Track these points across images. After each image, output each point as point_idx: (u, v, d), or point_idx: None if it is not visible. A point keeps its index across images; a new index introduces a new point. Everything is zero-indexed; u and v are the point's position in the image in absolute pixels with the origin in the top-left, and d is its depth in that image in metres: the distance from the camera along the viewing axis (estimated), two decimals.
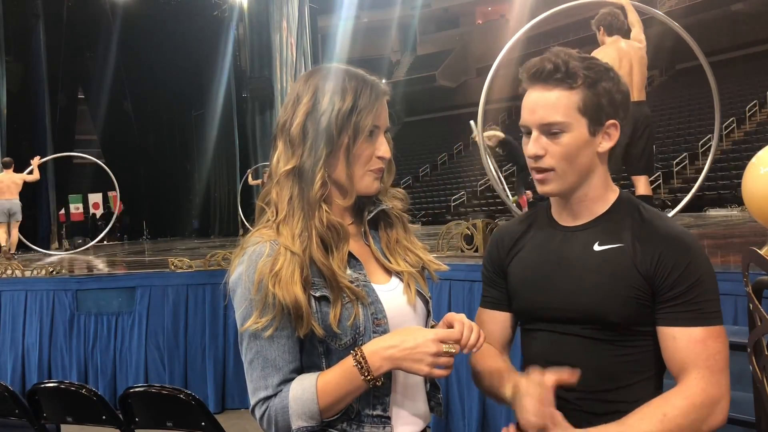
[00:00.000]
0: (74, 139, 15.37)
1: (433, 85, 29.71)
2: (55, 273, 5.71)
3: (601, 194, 1.27)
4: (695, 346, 1.14)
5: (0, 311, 5.30)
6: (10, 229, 9.02)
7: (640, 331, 1.20)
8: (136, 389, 2.12)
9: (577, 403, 1.20)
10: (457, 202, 21.44)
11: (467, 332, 1.10)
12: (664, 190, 16.95)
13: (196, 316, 5.11)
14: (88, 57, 16.07)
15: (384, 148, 1.20)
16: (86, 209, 22.47)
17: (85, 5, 14.64)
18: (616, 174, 4.90)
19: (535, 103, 1.22)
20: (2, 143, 11.92)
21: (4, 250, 8.83)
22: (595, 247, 1.23)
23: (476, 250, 4.25)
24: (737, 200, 11.08)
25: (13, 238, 9.02)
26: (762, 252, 1.33)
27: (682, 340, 1.15)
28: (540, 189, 1.27)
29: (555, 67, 1.20)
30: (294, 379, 1.11)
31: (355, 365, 1.08)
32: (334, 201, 1.19)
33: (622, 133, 1.25)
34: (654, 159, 4.20)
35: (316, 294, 1.11)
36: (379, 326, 1.14)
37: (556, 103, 1.20)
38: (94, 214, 21.95)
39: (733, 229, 6.80)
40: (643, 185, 4.60)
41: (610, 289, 1.19)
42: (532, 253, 1.33)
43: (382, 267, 1.23)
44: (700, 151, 17.78)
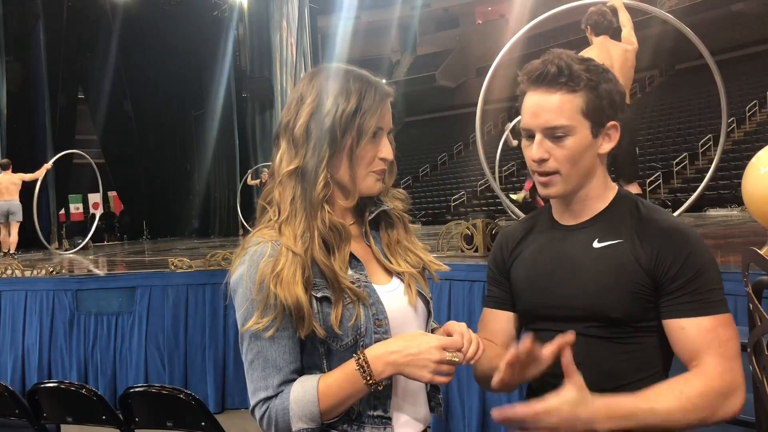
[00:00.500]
0: (74, 139, 15.34)
1: (433, 85, 29.72)
2: (55, 273, 5.70)
3: (601, 193, 1.28)
4: (706, 334, 1.14)
5: (0, 311, 5.30)
6: (11, 230, 9.04)
7: (642, 327, 1.20)
8: (136, 389, 2.11)
9: None
10: (457, 202, 21.45)
11: (466, 344, 1.10)
12: (664, 190, 16.95)
13: (196, 316, 5.10)
14: (88, 57, 16.04)
15: (387, 150, 1.19)
16: (86, 209, 22.45)
17: (85, 5, 14.63)
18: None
19: (538, 106, 1.22)
20: (2, 143, 11.93)
21: (4, 250, 8.84)
22: (595, 244, 1.24)
23: (476, 250, 4.25)
24: (737, 200, 11.06)
25: (12, 238, 9.03)
26: (762, 252, 1.33)
27: (692, 330, 1.15)
28: (544, 192, 1.27)
29: (558, 71, 1.20)
30: (295, 380, 1.11)
31: (358, 369, 1.08)
32: (336, 201, 1.19)
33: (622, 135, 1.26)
34: (637, 162, 4.18)
35: (318, 295, 1.11)
36: (380, 327, 1.14)
37: (560, 107, 1.20)
38: (94, 214, 21.92)
39: (733, 229, 6.79)
40: (634, 189, 4.59)
41: (610, 284, 1.19)
42: (533, 253, 1.34)
43: (383, 267, 1.23)
44: (700, 151, 17.78)
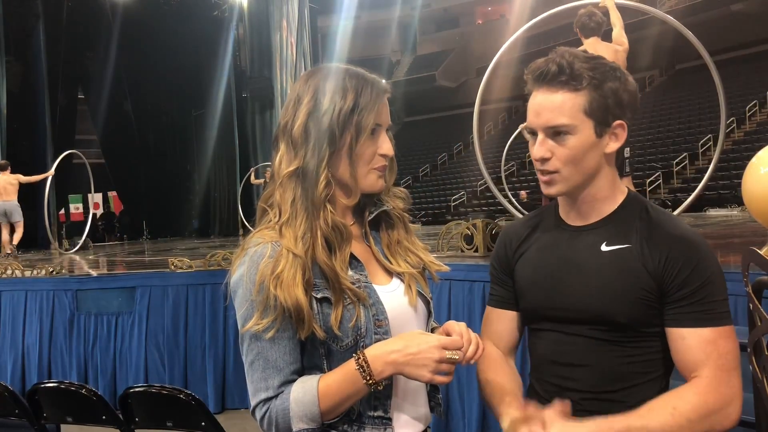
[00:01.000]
0: (74, 139, 15.31)
1: (433, 85, 29.71)
2: (55, 273, 5.70)
3: (609, 195, 1.27)
4: (706, 346, 1.13)
5: (0, 311, 5.30)
6: (13, 229, 9.03)
7: (646, 333, 1.19)
8: (136, 389, 2.10)
9: (583, 404, 1.19)
10: (457, 202, 21.44)
11: (466, 344, 1.10)
12: (664, 190, 16.95)
13: (196, 316, 5.09)
14: (88, 57, 16.02)
15: (386, 146, 1.19)
16: (86, 209, 22.45)
17: (85, 5, 14.61)
18: None
19: (540, 105, 1.21)
20: (2, 143, 11.91)
21: (5, 250, 8.84)
22: (603, 248, 1.22)
23: (476, 250, 4.24)
24: (737, 200, 11.06)
25: (17, 236, 9.04)
26: (762, 252, 1.33)
27: (692, 341, 1.14)
28: (545, 190, 1.26)
29: (559, 69, 1.19)
30: (295, 381, 1.11)
31: (357, 369, 1.08)
32: (338, 201, 1.19)
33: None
34: (623, 157, 4.18)
35: (318, 295, 1.11)
36: (381, 327, 1.14)
37: (561, 106, 1.19)
38: (95, 214, 21.94)
39: (733, 229, 6.79)
40: (624, 184, 4.57)
41: (617, 289, 1.18)
42: (538, 252, 1.32)
43: (383, 268, 1.23)
44: (700, 151, 17.78)
